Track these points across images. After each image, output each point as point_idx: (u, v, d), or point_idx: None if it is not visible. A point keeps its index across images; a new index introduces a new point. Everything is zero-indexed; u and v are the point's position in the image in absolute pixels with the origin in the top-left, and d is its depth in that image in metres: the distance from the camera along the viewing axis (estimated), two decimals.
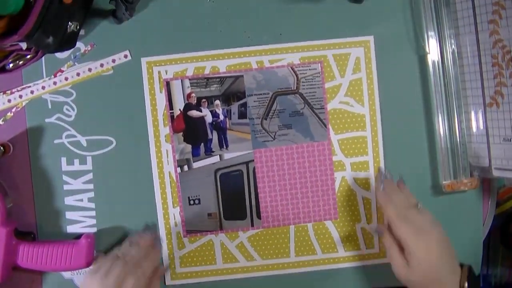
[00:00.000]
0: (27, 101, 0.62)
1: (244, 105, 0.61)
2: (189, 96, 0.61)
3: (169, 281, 0.62)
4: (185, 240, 0.62)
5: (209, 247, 0.62)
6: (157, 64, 0.61)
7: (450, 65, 0.60)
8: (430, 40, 0.60)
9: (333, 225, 0.62)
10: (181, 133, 0.62)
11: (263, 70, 0.61)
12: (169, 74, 0.61)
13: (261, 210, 0.62)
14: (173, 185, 0.62)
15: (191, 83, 0.61)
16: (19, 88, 0.61)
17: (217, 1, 0.61)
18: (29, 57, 0.57)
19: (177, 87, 0.61)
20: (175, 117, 0.61)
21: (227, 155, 0.62)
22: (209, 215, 0.62)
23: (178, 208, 0.62)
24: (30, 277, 0.62)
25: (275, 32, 0.61)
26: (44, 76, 0.61)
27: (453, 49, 0.60)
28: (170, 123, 0.62)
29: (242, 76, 0.61)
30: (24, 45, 0.53)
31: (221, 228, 0.62)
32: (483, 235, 0.64)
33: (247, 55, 0.61)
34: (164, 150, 0.62)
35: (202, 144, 0.62)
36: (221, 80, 0.61)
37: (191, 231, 0.62)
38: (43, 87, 0.61)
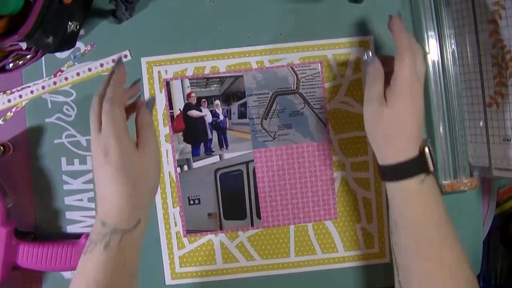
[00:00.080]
0: (27, 101, 0.62)
1: (244, 105, 0.61)
2: (189, 96, 0.61)
3: (169, 281, 0.62)
4: (185, 240, 0.62)
5: (209, 247, 0.62)
6: (157, 64, 0.61)
7: (450, 65, 0.60)
8: (430, 40, 0.60)
9: (333, 225, 0.62)
10: (181, 133, 0.62)
11: (263, 70, 0.61)
12: (169, 74, 0.61)
13: (261, 210, 0.62)
14: (173, 185, 0.62)
15: (191, 83, 0.61)
16: (19, 88, 0.61)
17: (217, 1, 0.61)
18: (29, 57, 0.57)
19: (177, 87, 0.61)
20: (175, 117, 0.61)
21: (227, 155, 0.62)
22: (209, 215, 0.62)
23: (178, 208, 0.62)
24: (30, 277, 0.62)
25: (275, 32, 0.61)
26: (44, 76, 0.61)
27: (453, 49, 0.60)
28: (170, 123, 0.62)
29: (242, 76, 0.61)
30: (24, 45, 0.53)
31: (221, 228, 0.62)
32: (483, 235, 0.64)
33: (247, 55, 0.61)
34: (164, 150, 0.62)
35: (202, 144, 0.62)
36: (221, 80, 0.61)
37: (191, 231, 0.62)
38: (43, 87, 0.61)
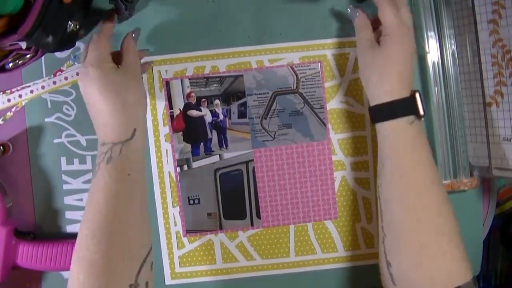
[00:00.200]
0: (27, 101, 0.62)
1: (244, 104, 0.61)
2: (188, 95, 0.61)
3: (168, 280, 0.62)
4: (184, 239, 0.62)
5: (208, 247, 0.62)
6: (157, 64, 0.61)
7: (450, 65, 0.60)
8: (430, 40, 0.60)
9: (333, 224, 0.62)
10: (180, 133, 0.62)
11: (263, 70, 0.61)
12: (168, 73, 0.61)
13: (260, 209, 0.62)
14: (173, 184, 0.62)
15: (190, 83, 0.61)
16: (18, 88, 0.61)
17: (217, 0, 0.61)
18: (28, 56, 0.57)
19: (176, 86, 0.61)
20: (174, 116, 0.61)
21: (227, 155, 0.62)
22: (209, 214, 0.62)
23: (178, 207, 0.62)
24: (30, 276, 0.62)
25: (274, 31, 0.61)
26: (44, 75, 0.61)
27: (453, 49, 0.60)
28: (170, 123, 0.62)
29: (242, 75, 0.61)
30: (23, 44, 0.53)
31: (221, 228, 0.62)
32: (483, 235, 0.64)
33: (246, 54, 0.61)
34: (163, 150, 0.62)
35: (202, 143, 0.62)
36: (221, 79, 0.61)
37: (190, 230, 0.62)
38: (43, 87, 0.61)
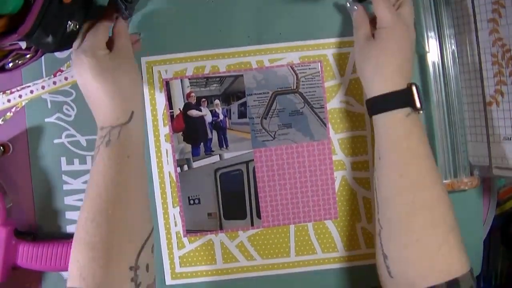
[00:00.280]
0: (27, 101, 0.62)
1: (244, 104, 0.61)
2: (188, 95, 0.61)
3: (169, 281, 0.62)
4: (185, 240, 0.62)
5: (209, 247, 0.62)
6: (157, 64, 0.61)
7: (450, 65, 0.60)
8: (430, 40, 0.60)
9: (333, 224, 0.62)
10: (180, 133, 0.62)
11: (263, 70, 0.61)
12: (168, 73, 0.61)
13: (261, 209, 0.62)
14: (173, 185, 0.62)
15: (190, 83, 0.61)
16: (18, 88, 0.61)
17: (216, 1, 0.61)
18: (28, 56, 0.57)
19: (176, 86, 0.61)
20: (174, 116, 0.61)
21: (227, 155, 0.62)
22: (209, 214, 0.62)
23: (178, 208, 0.62)
24: (30, 277, 0.61)
25: (274, 31, 0.61)
26: (44, 75, 0.61)
27: (453, 49, 0.59)
28: (170, 123, 0.61)
29: (242, 75, 0.61)
30: (23, 44, 0.53)
31: (221, 228, 0.62)
32: (483, 234, 0.64)
33: (246, 54, 0.61)
34: (163, 150, 0.62)
35: (202, 143, 0.62)
36: (221, 79, 0.61)
37: (191, 230, 0.62)
38: (43, 87, 0.61)
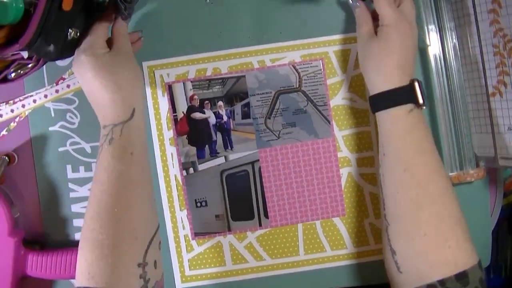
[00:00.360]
0: (30, 110, 0.62)
1: (247, 105, 0.61)
2: (191, 98, 0.61)
3: (179, 284, 0.62)
4: (193, 242, 0.62)
5: (217, 249, 0.62)
6: (159, 68, 0.61)
7: (451, 58, 0.59)
8: (431, 33, 0.60)
9: (341, 221, 0.62)
10: (185, 136, 0.62)
11: (265, 70, 0.61)
12: (171, 77, 0.61)
13: (268, 209, 0.62)
14: (179, 188, 0.62)
15: (193, 85, 0.61)
16: (21, 98, 0.61)
17: (215, 2, 0.61)
18: (30, 66, 0.57)
19: (179, 90, 0.61)
20: (178, 120, 0.61)
21: (232, 156, 0.62)
22: (217, 216, 0.62)
23: (185, 211, 0.62)
24: (40, 286, 0.61)
25: (275, 31, 0.61)
26: (46, 84, 0.61)
27: (454, 42, 0.59)
28: (174, 126, 0.61)
29: (244, 76, 0.61)
30: (25, 54, 0.53)
31: (229, 229, 0.62)
32: (491, 226, 0.64)
33: (248, 55, 0.61)
34: (169, 154, 0.62)
35: (207, 146, 0.62)
36: (223, 81, 0.61)
37: (199, 233, 0.62)
38: (46, 96, 0.61)
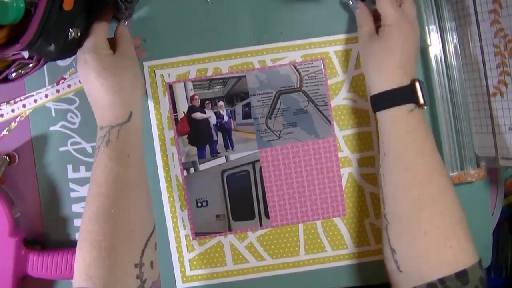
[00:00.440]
0: (31, 110, 0.62)
1: (248, 105, 0.61)
2: (192, 98, 0.61)
3: (180, 284, 0.62)
4: (194, 242, 0.62)
5: (218, 249, 0.62)
6: (159, 68, 0.61)
7: (452, 58, 0.59)
8: (431, 33, 0.60)
9: (342, 221, 0.62)
10: (186, 136, 0.62)
11: (266, 70, 0.61)
12: (171, 77, 0.61)
13: (269, 209, 0.62)
14: (180, 188, 0.62)
15: (194, 85, 0.61)
16: (22, 98, 0.61)
17: (216, 2, 0.61)
18: (31, 65, 0.57)
19: (180, 90, 0.61)
20: (179, 120, 0.61)
21: (233, 156, 0.62)
22: (217, 216, 0.62)
23: (186, 211, 0.62)
24: (41, 286, 0.61)
25: (275, 30, 0.61)
26: (47, 84, 0.61)
27: (455, 42, 0.59)
28: (175, 126, 0.61)
29: (245, 76, 0.61)
30: (26, 54, 0.53)
31: (230, 229, 0.62)
32: (492, 226, 0.64)
33: (248, 55, 0.61)
34: (169, 154, 0.62)
35: (208, 146, 0.62)
36: (224, 81, 0.61)
37: (200, 233, 0.62)
38: (46, 96, 0.61)
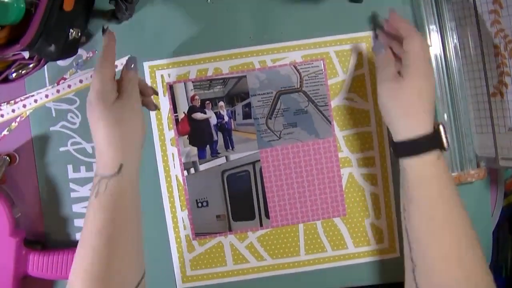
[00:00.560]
0: (31, 110, 0.62)
1: (248, 105, 0.61)
2: (192, 98, 0.61)
3: (180, 284, 0.62)
4: (194, 243, 0.62)
5: (219, 249, 0.62)
6: (160, 68, 0.61)
7: (452, 58, 0.60)
8: (432, 34, 0.60)
9: (342, 221, 0.62)
10: (186, 136, 0.62)
11: (266, 70, 0.61)
12: (172, 77, 0.61)
13: (269, 209, 0.62)
14: (180, 188, 0.62)
15: (194, 86, 0.61)
16: (22, 98, 0.61)
17: (216, 2, 0.61)
18: (31, 66, 0.57)
19: (180, 90, 0.61)
20: (179, 120, 0.61)
21: (233, 156, 0.62)
22: (218, 217, 0.62)
23: (186, 211, 0.62)
24: (41, 285, 0.61)
25: (276, 31, 0.61)
26: (47, 84, 0.61)
27: (455, 42, 0.59)
28: (175, 127, 0.61)
29: (245, 76, 0.61)
30: (26, 54, 0.53)
31: (230, 230, 0.62)
32: (492, 226, 0.64)
33: (249, 55, 0.61)
34: (170, 154, 0.62)
35: (208, 146, 0.62)
36: (224, 81, 0.61)
37: (200, 233, 0.62)
38: (47, 96, 0.61)
